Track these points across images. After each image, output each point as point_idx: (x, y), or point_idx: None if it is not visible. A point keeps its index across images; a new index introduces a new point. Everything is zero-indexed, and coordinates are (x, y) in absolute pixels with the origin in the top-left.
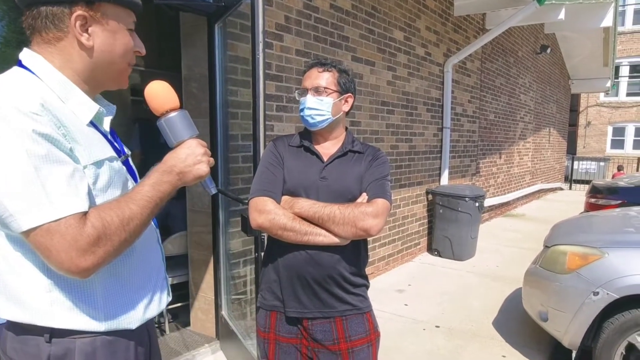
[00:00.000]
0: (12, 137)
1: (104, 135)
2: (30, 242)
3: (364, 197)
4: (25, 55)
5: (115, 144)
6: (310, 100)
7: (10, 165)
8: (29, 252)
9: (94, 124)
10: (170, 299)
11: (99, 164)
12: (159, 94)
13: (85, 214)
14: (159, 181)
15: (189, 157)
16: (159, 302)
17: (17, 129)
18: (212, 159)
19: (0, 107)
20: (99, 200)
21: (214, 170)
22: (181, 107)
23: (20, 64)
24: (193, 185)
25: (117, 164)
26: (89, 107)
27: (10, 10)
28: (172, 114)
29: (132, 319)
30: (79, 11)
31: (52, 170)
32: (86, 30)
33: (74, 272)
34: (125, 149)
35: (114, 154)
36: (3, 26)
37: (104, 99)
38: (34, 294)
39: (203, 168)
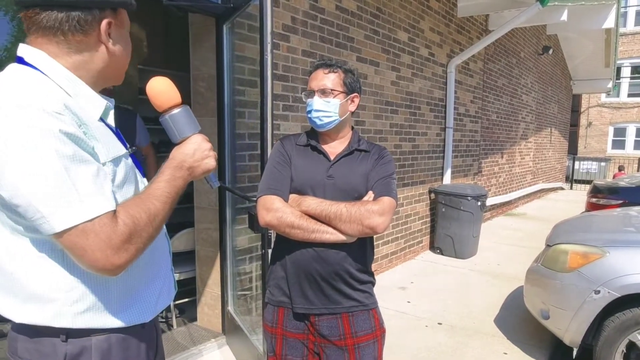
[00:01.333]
0: (41, 138)
1: (112, 130)
2: (62, 243)
3: (370, 195)
4: (26, 51)
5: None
6: (317, 102)
7: (41, 167)
8: (51, 253)
9: (102, 119)
10: (175, 291)
11: (116, 161)
12: (162, 90)
13: (114, 212)
14: (172, 177)
15: (197, 152)
16: (168, 293)
17: (44, 130)
18: (215, 153)
19: (25, 108)
20: (117, 197)
21: (221, 168)
22: (183, 103)
23: (22, 61)
24: (198, 180)
25: (129, 160)
26: (99, 103)
27: (21, 11)
28: (176, 110)
29: (146, 312)
30: (108, 18)
31: (79, 170)
32: (109, 35)
33: (108, 270)
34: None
35: (125, 149)
36: (14, 26)
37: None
38: (55, 295)
39: (211, 162)
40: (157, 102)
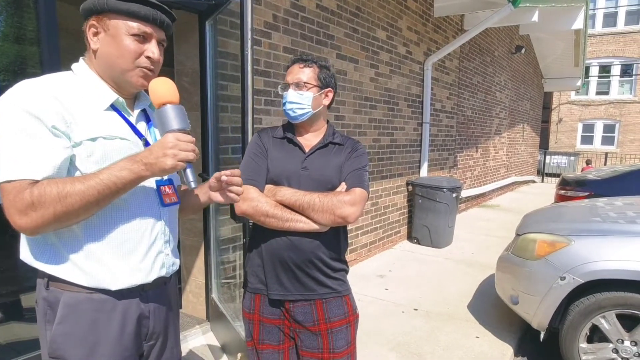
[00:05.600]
0: (7, 114)
1: (125, 119)
2: None
3: (342, 186)
4: (77, 61)
5: (140, 128)
6: (291, 94)
7: (0, 136)
8: None
9: (118, 110)
10: (164, 274)
11: (93, 139)
12: (156, 88)
13: (35, 181)
14: (120, 167)
15: (156, 149)
16: (149, 272)
17: (12, 109)
18: (184, 154)
19: (14, 94)
20: (94, 170)
21: (205, 160)
22: (176, 104)
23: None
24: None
25: (120, 143)
26: (107, 97)
27: (7, 5)
28: (163, 107)
29: (113, 281)
30: (91, 21)
31: (22, 141)
32: (97, 36)
33: (16, 228)
34: (158, 136)
35: (120, 134)
36: (1, 20)
37: (146, 95)
38: (39, 239)
39: (166, 161)
40: (152, 97)
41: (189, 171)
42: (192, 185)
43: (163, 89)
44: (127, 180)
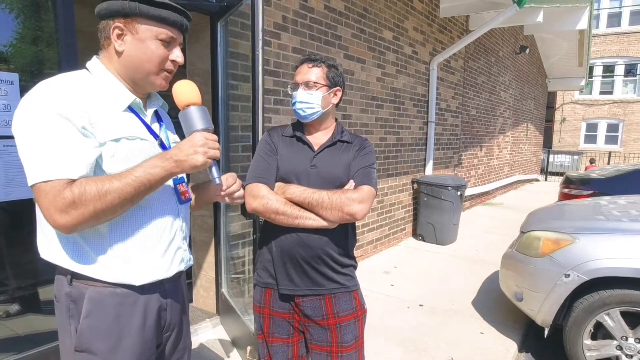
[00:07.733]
0: (38, 116)
1: (142, 120)
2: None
3: (351, 184)
4: (90, 60)
5: (154, 128)
6: (301, 94)
7: (31, 138)
8: None
9: (134, 110)
10: (183, 268)
11: (117, 140)
12: (180, 90)
13: (73, 181)
14: (153, 165)
15: (187, 147)
16: (168, 267)
17: (41, 111)
18: (213, 152)
19: (41, 95)
20: (119, 170)
21: None
22: (200, 105)
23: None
24: (202, 172)
25: (140, 143)
26: (125, 97)
27: (25, 8)
28: (188, 108)
29: (136, 276)
30: (116, 23)
31: (56, 142)
32: (122, 38)
33: (55, 227)
34: (170, 136)
35: (139, 134)
36: (19, 23)
37: (157, 95)
38: (62, 238)
39: (198, 158)
40: (176, 99)
41: (214, 168)
42: (217, 181)
43: (187, 91)
44: (159, 177)
